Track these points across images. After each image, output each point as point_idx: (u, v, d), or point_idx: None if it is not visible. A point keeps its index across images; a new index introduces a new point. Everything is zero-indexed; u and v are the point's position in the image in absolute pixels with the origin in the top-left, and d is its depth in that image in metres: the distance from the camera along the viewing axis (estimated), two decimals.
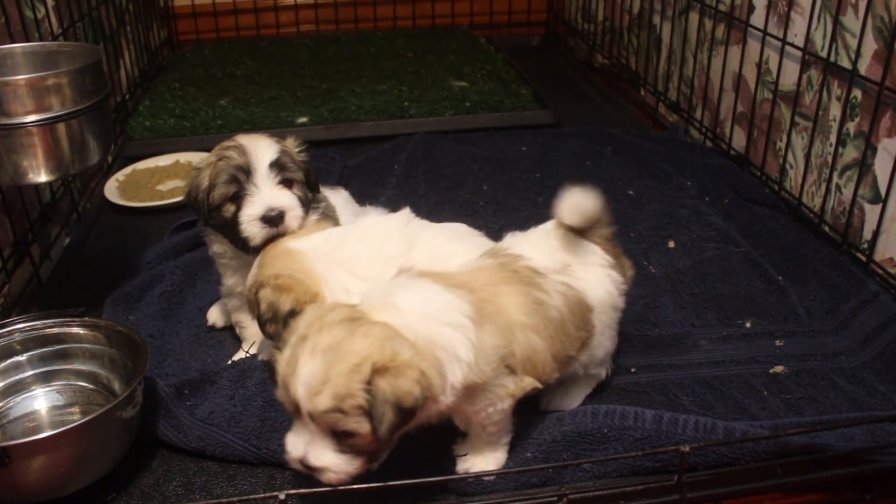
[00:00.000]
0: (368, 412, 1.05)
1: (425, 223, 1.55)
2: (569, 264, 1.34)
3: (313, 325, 1.09)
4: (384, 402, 1.04)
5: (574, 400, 1.44)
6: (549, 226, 1.42)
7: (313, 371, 1.05)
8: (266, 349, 1.66)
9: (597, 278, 1.36)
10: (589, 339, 1.34)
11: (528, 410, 1.37)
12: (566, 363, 1.32)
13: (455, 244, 1.49)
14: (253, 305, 1.39)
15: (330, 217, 1.60)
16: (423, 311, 1.14)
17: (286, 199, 1.46)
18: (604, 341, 1.39)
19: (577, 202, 1.35)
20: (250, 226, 1.44)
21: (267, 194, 1.45)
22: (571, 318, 1.30)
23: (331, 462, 1.09)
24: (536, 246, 1.36)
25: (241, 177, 1.44)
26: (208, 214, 1.50)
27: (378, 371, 1.04)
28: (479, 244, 1.51)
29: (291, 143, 1.55)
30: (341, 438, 1.08)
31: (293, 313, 1.32)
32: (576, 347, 1.31)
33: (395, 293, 1.17)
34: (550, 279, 1.30)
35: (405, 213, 1.54)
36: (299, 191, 1.49)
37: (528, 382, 1.23)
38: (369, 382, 1.04)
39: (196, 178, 1.50)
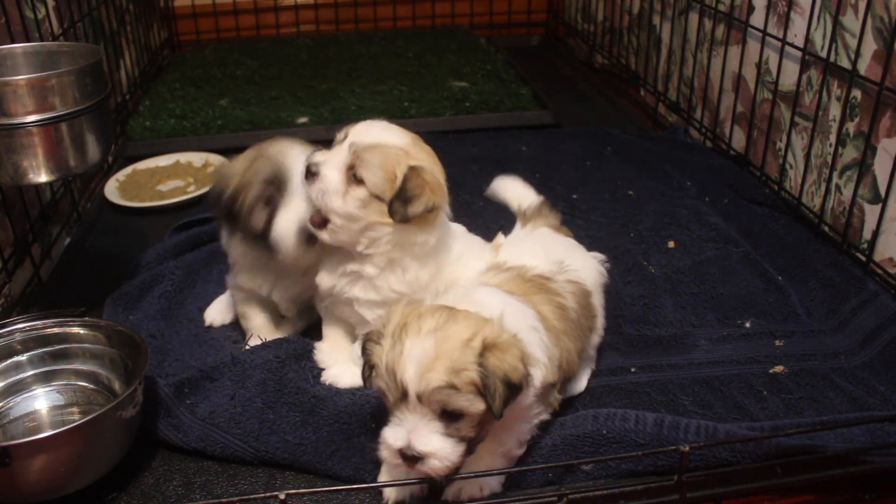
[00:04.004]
0: (479, 390, 1.06)
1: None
2: (562, 260, 1.41)
3: (410, 314, 1.11)
4: (495, 376, 1.06)
5: (583, 381, 1.51)
6: (518, 232, 1.58)
7: (425, 349, 1.05)
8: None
9: (586, 263, 1.47)
10: (594, 321, 1.43)
11: None
12: (582, 355, 1.41)
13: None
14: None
15: None
16: (503, 309, 1.17)
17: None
18: (600, 324, 1.48)
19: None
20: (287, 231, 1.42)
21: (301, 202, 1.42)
22: (583, 311, 1.38)
23: (438, 447, 1.07)
24: (531, 252, 1.43)
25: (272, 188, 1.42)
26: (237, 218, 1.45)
27: (488, 346, 1.07)
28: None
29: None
30: (450, 420, 1.08)
31: (414, 173, 1.34)
32: (588, 338, 1.42)
33: (472, 293, 1.22)
34: (559, 283, 1.37)
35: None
36: None
37: (557, 399, 1.32)
38: (481, 356, 1.06)
39: (224, 178, 1.46)
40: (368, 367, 1.13)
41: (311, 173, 1.35)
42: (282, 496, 1.09)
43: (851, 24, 1.87)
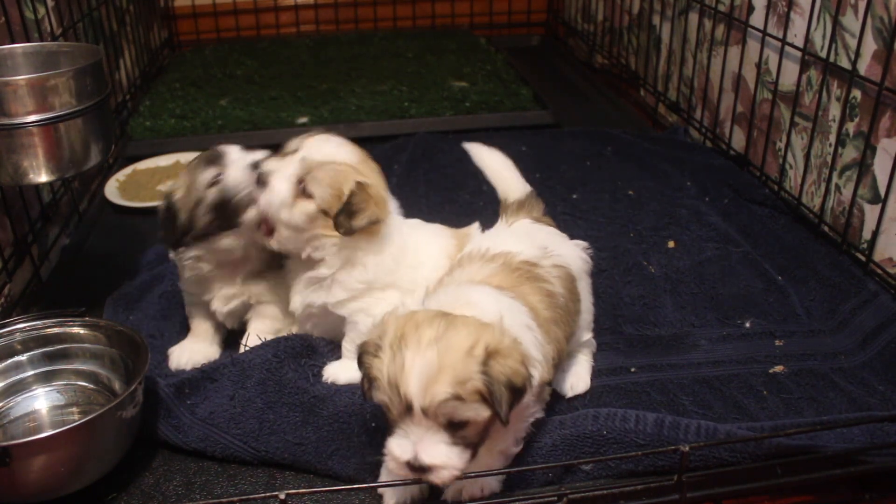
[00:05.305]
0: (484, 397, 1.05)
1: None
2: (545, 245, 1.40)
3: (406, 325, 1.08)
4: (500, 383, 1.05)
5: (587, 375, 1.51)
6: (501, 225, 1.54)
7: (427, 361, 1.03)
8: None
9: (570, 250, 1.46)
10: (580, 305, 1.43)
11: None
12: (570, 340, 1.40)
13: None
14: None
15: None
16: (498, 310, 1.16)
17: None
18: (588, 306, 1.48)
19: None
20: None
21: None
22: (570, 295, 1.36)
23: (444, 458, 1.07)
24: (515, 238, 1.42)
25: (213, 166, 1.45)
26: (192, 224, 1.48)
27: (491, 353, 1.06)
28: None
29: None
30: (455, 430, 1.07)
31: (360, 188, 1.38)
32: (576, 321, 1.40)
33: (466, 294, 1.20)
34: (545, 268, 1.35)
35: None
36: None
37: (548, 392, 1.34)
38: (485, 364, 1.05)
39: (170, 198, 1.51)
40: (368, 380, 1.11)
41: (261, 181, 1.39)
42: (282, 496, 1.09)
43: (851, 24, 1.87)
